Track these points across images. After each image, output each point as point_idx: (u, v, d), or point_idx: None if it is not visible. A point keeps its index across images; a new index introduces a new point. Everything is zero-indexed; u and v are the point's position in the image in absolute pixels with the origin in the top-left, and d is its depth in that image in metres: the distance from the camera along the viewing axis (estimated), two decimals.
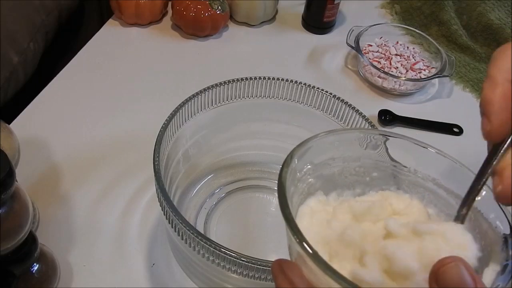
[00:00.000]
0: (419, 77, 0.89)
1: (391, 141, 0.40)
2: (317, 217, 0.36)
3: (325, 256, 0.30)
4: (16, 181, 0.44)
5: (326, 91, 0.61)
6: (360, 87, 0.91)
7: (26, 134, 0.71)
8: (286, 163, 0.35)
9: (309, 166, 0.39)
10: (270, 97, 0.63)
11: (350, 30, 0.93)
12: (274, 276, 0.32)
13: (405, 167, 0.41)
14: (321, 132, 0.38)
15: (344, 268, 0.32)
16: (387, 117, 0.83)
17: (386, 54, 0.92)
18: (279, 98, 0.63)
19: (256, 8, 0.96)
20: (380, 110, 0.84)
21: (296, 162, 0.36)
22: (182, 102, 0.57)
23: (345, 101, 0.60)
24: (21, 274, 0.51)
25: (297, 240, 0.30)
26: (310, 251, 0.29)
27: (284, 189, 0.33)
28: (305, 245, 0.30)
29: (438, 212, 0.39)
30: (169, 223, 0.48)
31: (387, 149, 0.41)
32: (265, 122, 0.66)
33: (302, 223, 0.35)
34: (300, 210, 0.37)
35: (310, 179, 0.39)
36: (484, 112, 0.34)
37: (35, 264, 0.53)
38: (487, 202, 0.35)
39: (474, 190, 0.34)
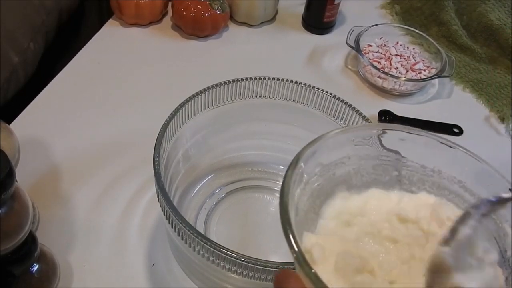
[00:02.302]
0: (419, 78, 0.89)
1: (413, 138, 0.38)
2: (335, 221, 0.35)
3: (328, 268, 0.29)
4: (16, 181, 0.44)
5: (326, 91, 0.61)
6: (360, 88, 0.91)
7: (26, 134, 0.71)
8: (291, 166, 0.33)
9: (319, 167, 0.37)
10: (270, 97, 0.63)
11: (350, 31, 0.93)
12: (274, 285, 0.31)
13: (428, 167, 0.38)
14: (334, 129, 0.36)
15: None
16: (387, 118, 0.83)
17: (386, 54, 0.92)
18: (279, 98, 0.63)
19: (256, 8, 0.97)
20: (380, 111, 0.84)
21: (304, 163, 0.34)
22: (182, 102, 0.57)
23: (345, 101, 0.60)
24: (21, 274, 0.51)
25: (294, 256, 0.29)
26: (307, 270, 0.28)
27: (287, 198, 0.31)
28: (303, 263, 0.28)
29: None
30: (169, 223, 0.48)
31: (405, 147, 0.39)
32: (265, 122, 0.66)
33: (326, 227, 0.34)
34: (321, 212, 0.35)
35: (320, 180, 0.37)
36: None
37: (35, 264, 0.53)
38: None
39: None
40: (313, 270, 0.28)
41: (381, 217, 0.36)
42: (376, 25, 0.95)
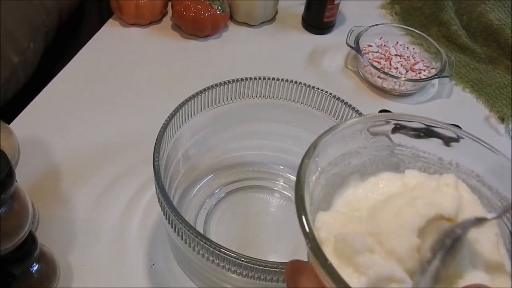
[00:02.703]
0: (419, 78, 0.89)
1: (431, 129, 0.37)
2: (350, 207, 0.34)
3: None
4: (16, 181, 0.44)
5: (326, 92, 0.61)
6: (360, 88, 0.91)
7: (26, 134, 0.71)
8: (307, 154, 0.32)
9: (334, 156, 0.36)
10: (270, 97, 0.63)
11: (350, 31, 0.93)
12: (287, 281, 0.31)
13: (445, 159, 0.38)
14: (350, 119, 0.36)
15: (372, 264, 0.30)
16: None
17: (386, 54, 0.92)
18: (279, 98, 0.63)
19: (256, 8, 0.97)
20: (380, 111, 0.84)
21: (320, 152, 0.33)
22: (182, 102, 0.57)
23: (345, 101, 0.60)
24: (20, 274, 0.51)
25: (309, 246, 0.28)
26: (323, 260, 0.28)
27: (302, 185, 0.31)
28: (318, 251, 0.28)
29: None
30: (169, 223, 0.48)
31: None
32: (264, 123, 0.66)
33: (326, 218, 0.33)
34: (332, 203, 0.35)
35: (335, 170, 0.36)
36: None
37: (35, 264, 0.53)
38: None
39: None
40: (329, 262, 0.27)
41: (392, 189, 0.35)
42: (376, 25, 0.95)
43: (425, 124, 0.37)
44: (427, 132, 0.37)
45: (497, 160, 0.35)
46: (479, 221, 0.32)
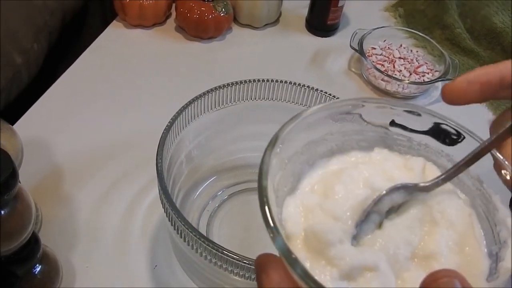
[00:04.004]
0: (422, 80, 0.89)
1: (391, 110, 0.37)
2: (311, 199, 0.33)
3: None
4: (19, 181, 0.44)
5: (329, 94, 0.61)
6: (363, 90, 0.90)
7: (29, 135, 0.71)
8: (270, 145, 0.32)
9: (299, 145, 0.35)
10: (273, 99, 0.63)
11: (353, 33, 0.92)
12: (256, 276, 0.29)
13: (415, 140, 0.38)
14: (313, 106, 0.35)
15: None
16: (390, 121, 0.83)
17: (390, 57, 0.92)
18: (282, 100, 0.63)
19: (259, 10, 0.97)
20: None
21: (283, 142, 0.32)
22: (185, 104, 0.57)
23: None
24: (23, 274, 0.51)
25: (271, 236, 0.28)
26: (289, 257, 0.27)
27: (265, 181, 0.30)
28: (285, 248, 0.27)
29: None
30: (172, 225, 0.48)
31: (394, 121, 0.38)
32: (268, 124, 0.65)
33: (289, 209, 0.33)
34: (295, 193, 0.34)
35: (302, 159, 0.35)
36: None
37: (37, 265, 0.53)
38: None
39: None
40: (293, 256, 0.27)
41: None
42: (380, 27, 0.95)
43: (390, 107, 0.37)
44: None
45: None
46: (404, 186, 0.33)
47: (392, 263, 0.30)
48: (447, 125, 0.37)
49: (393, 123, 0.38)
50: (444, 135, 0.37)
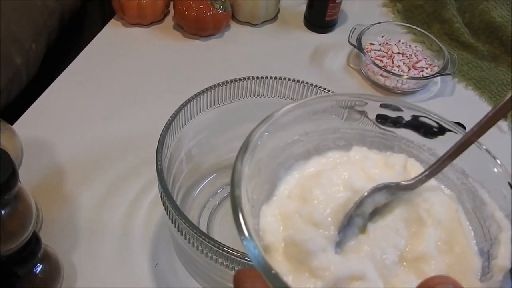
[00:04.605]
0: (421, 76, 0.88)
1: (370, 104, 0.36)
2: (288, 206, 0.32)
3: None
4: (20, 181, 0.44)
5: (329, 90, 0.61)
6: (362, 86, 0.90)
7: (29, 135, 0.71)
8: (241, 151, 0.30)
9: (273, 149, 0.34)
10: (273, 96, 0.63)
11: (352, 29, 0.92)
12: None
13: (397, 135, 0.37)
14: (283, 106, 0.33)
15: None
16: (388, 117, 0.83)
17: (388, 52, 0.92)
18: (282, 97, 0.63)
19: (258, 7, 0.96)
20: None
21: (255, 147, 0.31)
22: (185, 102, 0.57)
23: None
24: (24, 274, 0.52)
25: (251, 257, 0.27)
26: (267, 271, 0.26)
27: (238, 190, 0.28)
28: (260, 259, 0.26)
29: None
30: (172, 223, 0.48)
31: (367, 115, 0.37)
32: None
33: (267, 218, 0.31)
34: (270, 200, 0.33)
35: (275, 162, 0.34)
36: None
37: (38, 264, 0.53)
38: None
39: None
40: (273, 271, 0.26)
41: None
42: (378, 23, 0.95)
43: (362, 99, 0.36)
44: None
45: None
46: (386, 186, 0.32)
47: (380, 269, 0.29)
48: (427, 117, 0.35)
49: (370, 118, 0.37)
50: (424, 128, 0.36)
